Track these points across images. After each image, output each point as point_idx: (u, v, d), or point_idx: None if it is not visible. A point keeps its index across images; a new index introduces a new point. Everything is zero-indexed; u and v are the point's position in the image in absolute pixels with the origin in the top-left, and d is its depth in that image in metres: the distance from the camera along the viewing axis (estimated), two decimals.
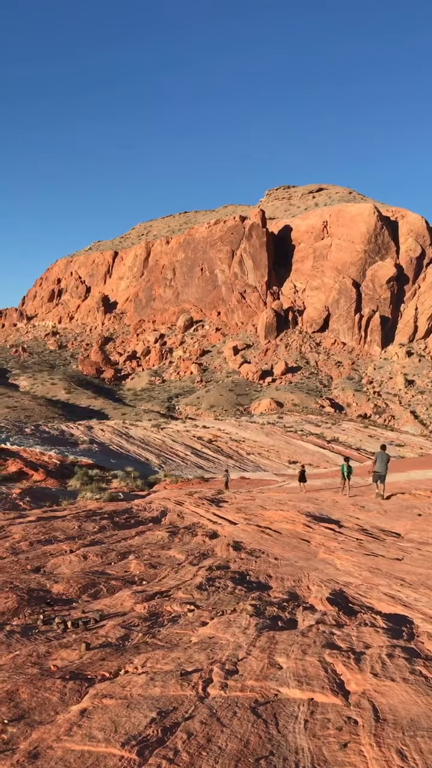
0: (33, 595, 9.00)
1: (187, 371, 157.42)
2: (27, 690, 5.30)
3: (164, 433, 63.53)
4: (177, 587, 9.31)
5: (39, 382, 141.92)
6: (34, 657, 6.29)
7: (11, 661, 6.22)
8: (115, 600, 8.71)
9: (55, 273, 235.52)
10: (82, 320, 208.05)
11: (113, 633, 6.97)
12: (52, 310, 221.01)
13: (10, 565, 11.31)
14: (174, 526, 16.48)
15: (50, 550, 12.76)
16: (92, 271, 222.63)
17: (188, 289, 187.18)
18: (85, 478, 35.41)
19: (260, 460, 58.32)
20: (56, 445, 48.60)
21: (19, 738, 4.49)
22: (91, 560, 11.66)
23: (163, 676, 5.36)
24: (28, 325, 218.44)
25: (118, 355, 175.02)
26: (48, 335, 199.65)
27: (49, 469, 37.96)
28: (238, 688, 5.04)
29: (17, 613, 8.22)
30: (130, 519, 17.97)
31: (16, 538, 14.17)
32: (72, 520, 17.17)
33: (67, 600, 8.97)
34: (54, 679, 5.52)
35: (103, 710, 4.73)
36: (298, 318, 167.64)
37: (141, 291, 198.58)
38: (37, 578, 10.16)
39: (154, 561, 11.51)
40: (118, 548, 12.89)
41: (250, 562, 11.39)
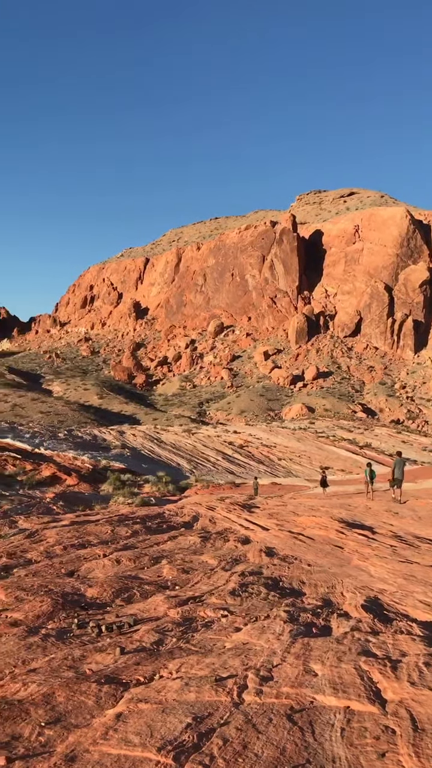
0: (67, 599, 9.06)
1: (218, 376, 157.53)
2: (63, 693, 5.34)
3: (195, 438, 63.63)
4: (210, 592, 9.30)
5: (72, 387, 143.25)
6: (70, 660, 6.33)
7: (47, 665, 6.28)
8: (149, 604, 8.73)
9: (88, 280, 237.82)
10: (114, 326, 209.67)
11: (147, 637, 6.99)
12: (84, 316, 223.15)
13: (45, 569, 11.42)
14: (206, 532, 16.47)
15: (84, 554, 12.85)
16: (124, 278, 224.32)
17: (219, 295, 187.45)
18: (117, 482, 35.61)
19: (292, 465, 58.05)
20: (89, 450, 48.97)
21: (56, 740, 4.53)
22: (124, 564, 11.71)
23: (198, 681, 5.35)
24: (61, 331, 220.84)
25: (150, 361, 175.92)
26: (81, 341, 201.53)
27: (82, 473, 38.26)
28: (273, 694, 5.01)
29: (52, 616, 8.29)
30: (162, 524, 18.01)
31: (50, 542, 14.30)
32: (105, 524, 17.27)
33: (101, 604, 9.01)
34: (89, 683, 5.56)
35: (138, 714, 4.74)
36: (329, 322, 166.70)
37: (172, 297, 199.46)
38: (71, 582, 10.23)
39: (186, 566, 11.51)
40: (150, 553, 12.92)
41: (283, 568, 11.33)
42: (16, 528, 18.38)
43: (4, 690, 5.65)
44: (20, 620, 8.11)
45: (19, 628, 7.73)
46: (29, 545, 14.29)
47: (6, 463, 38.25)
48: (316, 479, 45.15)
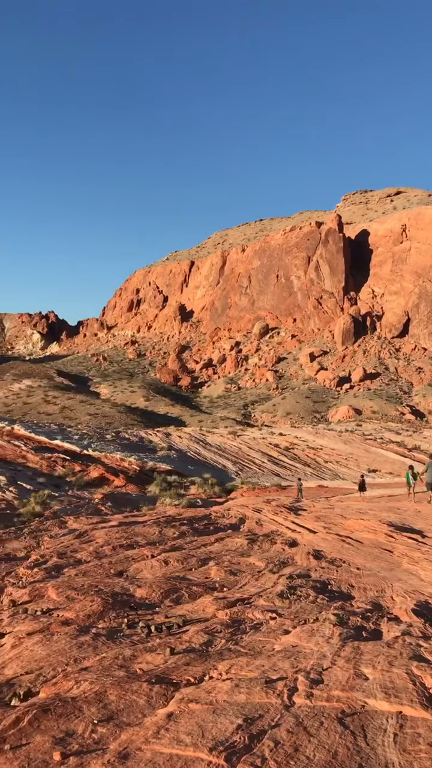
0: (117, 599, 9.17)
1: (263, 378, 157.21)
2: (114, 692, 5.41)
3: (240, 440, 63.62)
4: (258, 594, 9.29)
5: (119, 389, 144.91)
6: (120, 660, 6.41)
7: (98, 663, 6.37)
8: (197, 606, 8.77)
9: (134, 283, 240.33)
10: (159, 329, 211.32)
11: (196, 638, 7.03)
12: (131, 319, 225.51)
13: (95, 569, 11.58)
14: (253, 534, 16.45)
15: (132, 554, 12.98)
16: (169, 281, 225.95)
17: (264, 297, 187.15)
18: (163, 484, 35.86)
19: (338, 468, 57.54)
20: (135, 452, 49.44)
21: (108, 738, 4.59)
22: (172, 566, 11.78)
23: (248, 683, 5.36)
24: (108, 334, 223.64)
25: (195, 363, 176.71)
26: (127, 344, 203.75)
27: (129, 474, 38.67)
28: (324, 697, 4.99)
29: (102, 616, 8.40)
30: (209, 525, 18.07)
31: (99, 543, 14.50)
32: (152, 525, 17.41)
33: (150, 604, 9.10)
34: (140, 682, 5.62)
35: (189, 715, 4.78)
36: (376, 323, 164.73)
37: (217, 299, 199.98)
38: (121, 582, 10.35)
39: (234, 568, 11.52)
40: (198, 554, 12.98)
41: (332, 571, 11.24)
42: (66, 528, 18.68)
43: (57, 687, 5.76)
44: (71, 619, 8.25)
45: (70, 627, 7.86)
46: (79, 545, 14.51)
47: (56, 464, 38.90)
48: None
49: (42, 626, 8.02)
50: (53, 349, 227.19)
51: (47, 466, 38.42)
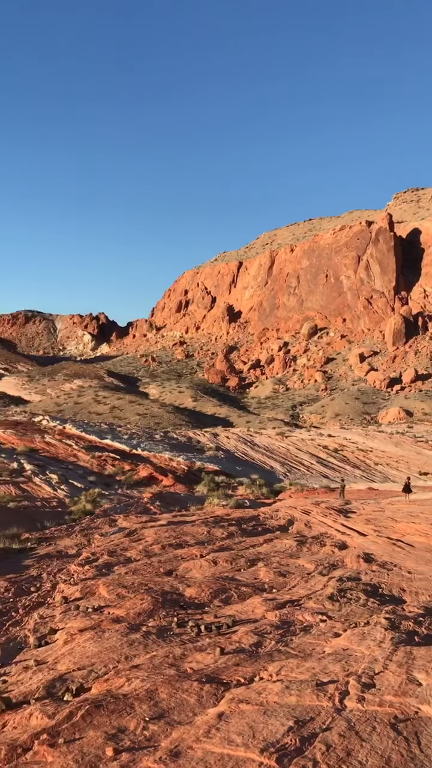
0: (167, 598, 9.23)
1: (311, 379, 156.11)
2: (165, 690, 5.45)
3: (288, 442, 63.29)
4: (308, 597, 9.23)
5: (167, 390, 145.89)
6: (171, 658, 6.45)
7: (149, 661, 6.42)
8: (246, 606, 8.76)
9: (182, 285, 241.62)
10: (207, 330, 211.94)
11: (246, 639, 7.02)
12: (179, 320, 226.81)
13: (144, 568, 11.69)
14: (302, 536, 16.35)
15: (181, 554, 13.05)
16: (217, 282, 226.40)
17: (312, 297, 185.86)
18: (211, 484, 35.95)
19: (389, 470, 56.72)
20: (183, 452, 49.70)
21: (160, 735, 4.63)
22: (220, 566, 11.80)
23: (299, 685, 5.33)
24: (157, 335, 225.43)
25: (243, 364, 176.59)
26: (175, 345, 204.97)
27: (177, 474, 38.89)
28: (376, 702, 4.92)
29: (152, 614, 8.47)
30: (257, 526, 18.03)
31: (148, 541, 14.62)
32: (201, 525, 17.46)
33: (199, 604, 9.13)
34: (191, 681, 5.64)
35: (240, 715, 4.78)
36: (428, 323, 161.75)
37: (265, 300, 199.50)
38: (170, 581, 10.42)
39: (283, 569, 11.47)
40: (246, 555, 12.96)
41: (382, 574, 11.09)
42: (116, 527, 18.90)
43: (109, 684, 5.83)
44: (122, 617, 8.34)
45: (121, 625, 7.95)
46: (129, 544, 14.66)
47: (106, 463, 39.40)
48: (414, 485, 43.94)
49: (93, 623, 8.13)
50: (103, 350, 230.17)
51: (98, 465, 38.95)
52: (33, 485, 33.70)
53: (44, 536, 18.32)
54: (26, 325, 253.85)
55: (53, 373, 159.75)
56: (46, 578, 12.06)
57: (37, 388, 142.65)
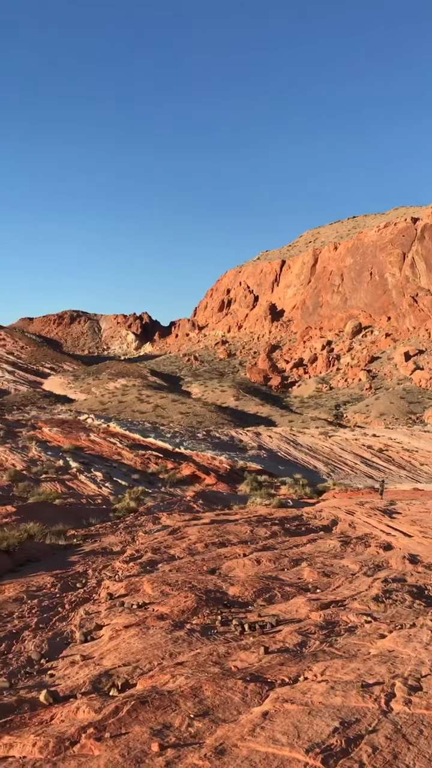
0: (210, 596, 9.27)
1: (355, 378, 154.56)
2: (210, 688, 5.47)
3: (332, 441, 62.79)
4: (352, 597, 9.15)
5: (209, 389, 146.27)
6: (215, 656, 6.48)
7: (193, 659, 6.46)
8: (290, 606, 8.74)
9: (225, 284, 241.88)
10: (249, 329, 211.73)
11: (290, 639, 7.00)
12: (221, 319, 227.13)
13: (188, 566, 11.74)
14: (346, 536, 16.21)
15: (224, 552, 13.07)
16: (260, 281, 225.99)
17: (356, 295, 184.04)
18: (254, 483, 35.92)
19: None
20: (226, 451, 49.76)
21: (204, 733, 4.65)
22: (264, 565, 11.78)
23: (344, 686, 5.29)
24: (199, 334, 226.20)
25: (285, 363, 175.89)
26: (218, 344, 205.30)
27: (220, 473, 38.97)
28: (423, 705, 4.86)
29: (196, 612, 8.51)
30: (300, 526, 17.94)
31: (192, 540, 14.69)
32: (244, 524, 17.46)
33: (243, 603, 9.14)
34: (235, 680, 5.65)
35: (284, 715, 4.77)
36: None
37: (308, 298, 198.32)
38: (213, 580, 10.45)
39: (327, 569, 11.40)
40: (290, 555, 12.91)
41: (428, 576, 10.92)
42: (160, 524, 19.03)
43: (154, 680, 5.89)
44: (166, 614, 8.40)
45: (165, 622, 8.01)
46: (172, 542, 14.75)
47: (149, 461, 39.72)
48: None
49: (138, 620, 8.21)
50: (147, 349, 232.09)
51: (141, 463, 39.30)
52: (78, 483, 34.18)
53: (89, 533, 18.57)
54: (72, 325, 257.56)
55: (98, 372, 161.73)
56: (92, 574, 12.22)
57: (82, 387, 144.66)
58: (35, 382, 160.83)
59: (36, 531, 17.12)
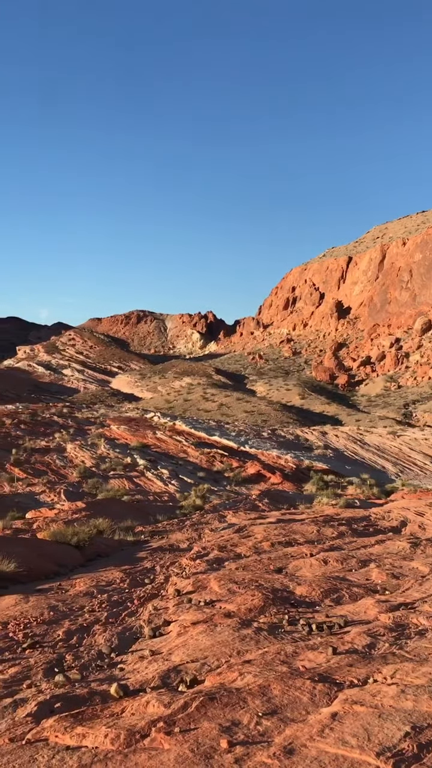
0: (277, 595, 9.25)
1: (425, 377, 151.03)
2: (278, 687, 5.47)
3: (401, 441, 61.59)
4: (422, 600, 8.97)
5: (274, 387, 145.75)
6: (282, 656, 6.47)
7: (261, 657, 6.47)
8: (358, 607, 8.63)
9: (290, 281, 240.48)
10: (315, 327, 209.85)
11: (359, 640, 6.92)
12: (286, 317, 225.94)
13: (254, 564, 11.75)
14: (415, 537, 15.89)
15: (291, 552, 13.02)
16: (326, 278, 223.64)
17: (426, 291, 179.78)
18: (320, 483, 35.62)
19: None
20: (291, 450, 49.50)
21: (273, 731, 4.65)
22: (331, 565, 11.68)
23: (415, 689, 5.20)
24: (264, 333, 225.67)
25: (352, 361, 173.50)
26: (283, 342, 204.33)
27: (285, 472, 38.80)
28: None
29: (263, 611, 8.52)
30: (368, 527, 17.69)
31: (258, 538, 14.69)
32: (310, 524, 17.34)
33: (310, 603, 9.08)
34: (303, 679, 5.63)
35: (354, 716, 4.72)
36: None
37: (375, 295, 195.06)
38: (280, 579, 10.43)
39: (396, 571, 11.20)
40: (357, 555, 12.75)
41: None
42: (225, 522, 19.13)
43: (222, 677, 5.92)
44: (233, 612, 8.44)
45: (232, 620, 8.05)
46: (238, 540, 14.79)
47: (214, 459, 39.92)
48: None
49: (205, 617, 8.28)
50: (211, 348, 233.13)
51: (206, 461, 39.55)
52: (145, 480, 34.68)
53: (156, 529, 18.82)
54: (138, 324, 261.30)
55: (163, 371, 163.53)
56: (159, 571, 12.39)
57: (148, 386, 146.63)
58: (103, 380, 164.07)
59: (105, 527, 17.47)
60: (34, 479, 33.63)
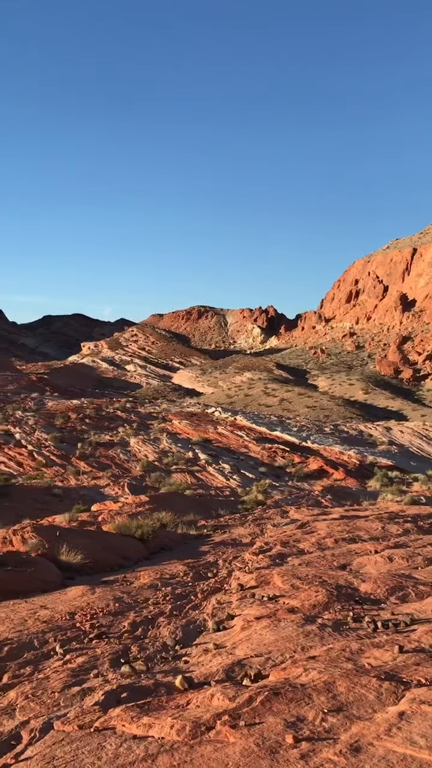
0: (341, 592, 9.16)
1: None
2: (343, 684, 5.42)
3: None
4: None
5: (337, 382, 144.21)
6: (347, 653, 6.40)
7: (325, 654, 6.42)
8: (425, 605, 8.46)
9: (353, 274, 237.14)
10: (379, 320, 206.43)
11: (426, 639, 6.78)
12: (349, 311, 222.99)
13: (317, 560, 11.67)
14: None
15: (355, 548, 12.87)
16: (390, 270, 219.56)
17: None
18: (384, 479, 35.06)
19: None
20: (354, 445, 48.90)
21: (339, 729, 4.61)
22: (396, 563, 11.49)
23: None
24: (326, 327, 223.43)
25: (417, 355, 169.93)
26: (345, 336, 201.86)
27: (349, 468, 38.36)
28: None
29: (327, 607, 8.45)
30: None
31: (321, 535, 14.58)
32: (374, 520, 17.10)
33: (374, 600, 8.96)
34: (369, 677, 5.56)
35: (422, 716, 4.63)
36: None
37: None
38: (344, 575, 10.32)
39: None
40: (424, 553, 12.50)
41: None
42: (288, 518, 19.06)
43: (286, 673, 5.91)
44: (297, 608, 8.40)
45: (296, 615, 8.02)
46: (301, 535, 14.72)
47: (276, 454, 39.81)
48: None
49: (269, 612, 8.27)
50: (272, 343, 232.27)
51: (268, 457, 39.47)
52: (207, 474, 34.88)
53: (219, 524, 18.92)
54: (199, 320, 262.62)
55: (224, 366, 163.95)
56: (222, 565, 12.45)
57: (209, 381, 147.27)
58: (165, 376, 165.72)
59: (168, 520, 17.67)
60: (98, 473, 34.30)
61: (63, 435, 41.31)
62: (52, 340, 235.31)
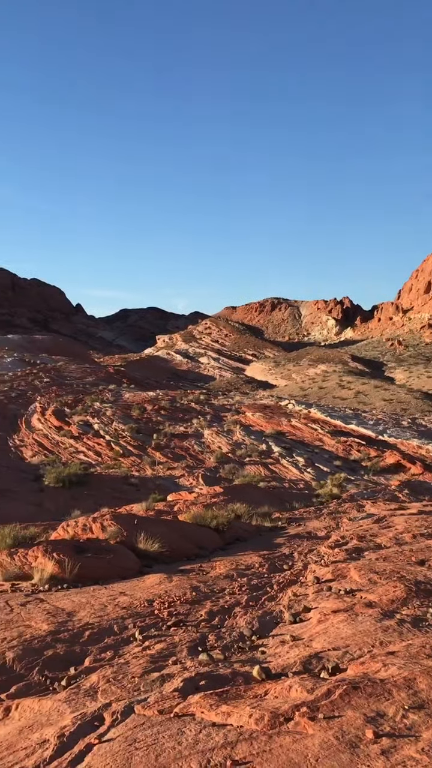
0: (420, 588, 8.98)
1: None
2: (424, 681, 5.32)
3: None
4: None
5: (414, 375, 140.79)
6: (428, 649, 6.27)
7: (405, 649, 6.31)
8: None
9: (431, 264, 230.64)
10: None
11: None
12: (427, 302, 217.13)
13: (395, 555, 11.47)
14: None
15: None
16: None
17: None
18: None
19: None
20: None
21: (420, 726, 4.54)
22: None
23: None
24: (403, 318, 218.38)
25: None
26: (423, 328, 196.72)
27: (427, 463, 37.45)
28: None
29: (406, 603, 8.30)
30: None
31: (398, 530, 14.32)
32: None
33: None
34: None
35: None
36: None
37: None
38: (423, 571, 10.11)
39: None
40: None
41: None
42: (364, 512, 18.80)
43: (365, 667, 5.85)
44: (375, 602, 8.29)
45: (374, 610, 7.91)
46: (378, 530, 14.50)
47: (351, 448, 39.29)
48: None
49: (346, 606, 8.20)
50: (347, 335, 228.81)
51: (343, 450, 39.00)
52: (280, 467, 34.78)
53: (293, 516, 18.86)
54: (272, 312, 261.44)
55: (298, 358, 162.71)
56: (298, 557, 12.41)
57: (282, 373, 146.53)
58: (238, 368, 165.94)
59: (243, 512, 17.74)
60: (173, 463, 34.75)
61: (139, 426, 42.03)
62: (128, 333, 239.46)
